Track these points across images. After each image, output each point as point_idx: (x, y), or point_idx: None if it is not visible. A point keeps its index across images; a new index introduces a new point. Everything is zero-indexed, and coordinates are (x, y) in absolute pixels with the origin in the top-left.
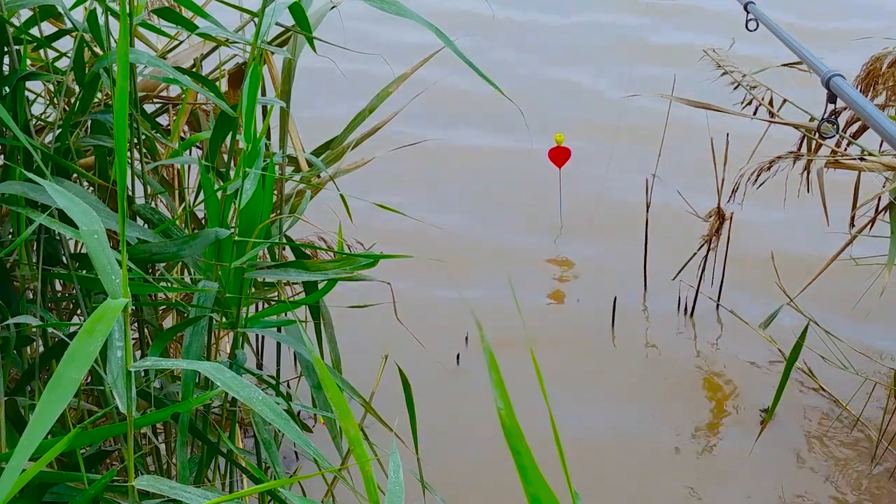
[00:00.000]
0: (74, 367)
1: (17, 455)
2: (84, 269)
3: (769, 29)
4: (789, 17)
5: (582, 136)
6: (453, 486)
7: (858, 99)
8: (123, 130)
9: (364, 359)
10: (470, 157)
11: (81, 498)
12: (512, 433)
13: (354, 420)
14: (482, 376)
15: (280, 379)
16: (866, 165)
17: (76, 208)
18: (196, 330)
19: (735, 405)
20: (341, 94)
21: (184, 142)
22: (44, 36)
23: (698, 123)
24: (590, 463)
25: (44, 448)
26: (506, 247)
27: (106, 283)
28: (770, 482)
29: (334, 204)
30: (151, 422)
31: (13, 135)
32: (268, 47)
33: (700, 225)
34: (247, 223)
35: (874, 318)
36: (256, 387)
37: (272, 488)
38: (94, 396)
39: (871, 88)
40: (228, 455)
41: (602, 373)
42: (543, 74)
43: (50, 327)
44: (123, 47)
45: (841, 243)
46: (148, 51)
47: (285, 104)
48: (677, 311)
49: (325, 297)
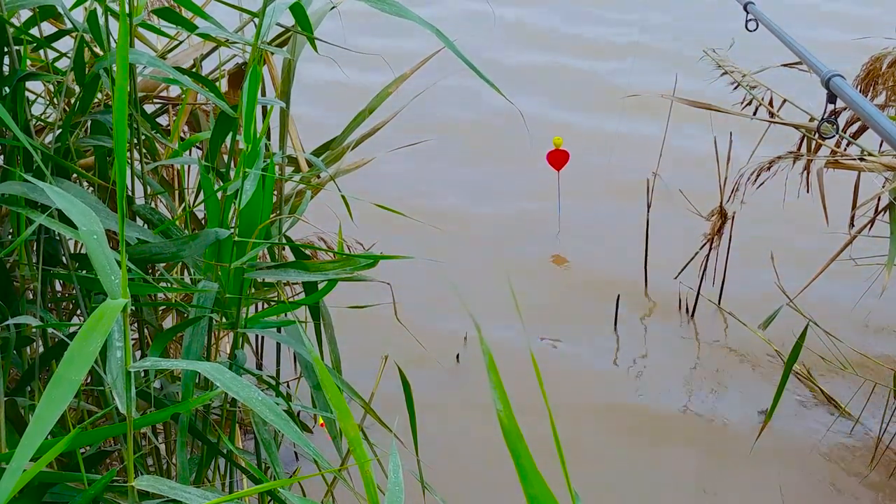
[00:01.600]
0: (74, 368)
1: (18, 455)
2: (84, 269)
3: (769, 29)
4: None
5: (582, 136)
6: (453, 487)
7: (858, 99)
8: (123, 131)
9: (364, 359)
10: (470, 157)
11: (81, 498)
12: (511, 435)
13: (354, 421)
14: (482, 376)
15: (280, 379)
16: (866, 165)
17: (75, 209)
18: (196, 330)
19: (735, 406)
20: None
21: (184, 142)
22: (44, 36)
23: (699, 123)
24: (589, 463)
25: (44, 448)
26: (506, 247)
27: (105, 284)
28: (770, 483)
29: (334, 204)
30: (151, 422)
31: (13, 135)
32: (268, 48)
33: (701, 225)
34: (247, 223)
35: (874, 319)
36: (256, 387)
37: (272, 488)
38: (94, 397)
39: (871, 88)
40: (228, 455)
41: (602, 372)
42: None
43: (50, 328)
44: (123, 48)
45: (841, 243)
46: (148, 51)
47: (285, 104)
48: (678, 311)
49: (324, 297)
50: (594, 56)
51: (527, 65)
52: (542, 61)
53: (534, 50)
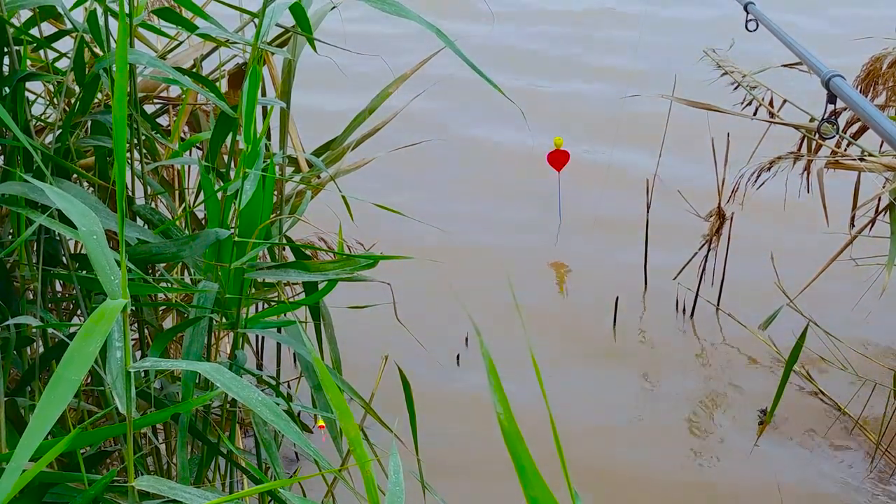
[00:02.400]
0: (74, 368)
1: (18, 455)
2: (84, 269)
3: (769, 29)
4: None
5: (582, 136)
6: (453, 487)
7: (858, 99)
8: (123, 131)
9: (364, 359)
10: (470, 157)
11: (82, 498)
12: (511, 437)
13: (354, 421)
14: (482, 377)
15: (280, 379)
16: (866, 166)
17: (76, 209)
18: (196, 330)
19: (734, 406)
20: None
21: (184, 142)
22: (44, 36)
23: (699, 124)
24: (589, 463)
25: (44, 449)
26: (506, 247)
27: (105, 284)
28: (769, 483)
29: (334, 204)
30: (151, 422)
31: (13, 135)
32: (268, 48)
33: (700, 225)
34: (247, 224)
35: (874, 319)
36: (256, 387)
37: (272, 489)
38: (94, 397)
39: (872, 88)
40: (228, 455)
41: (602, 373)
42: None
43: (50, 328)
44: (123, 48)
45: (841, 244)
46: (148, 51)
47: (285, 104)
48: (677, 312)
49: (324, 297)
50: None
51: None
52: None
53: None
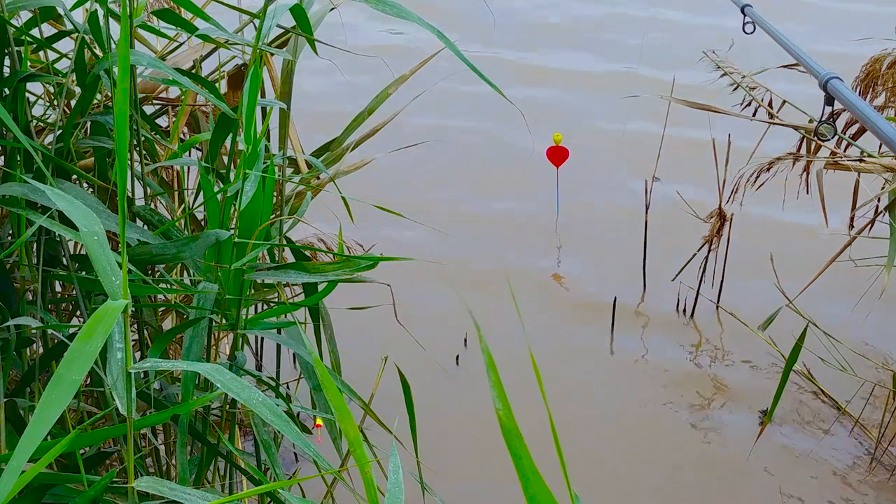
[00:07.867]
0: (74, 369)
1: (17, 456)
2: (84, 270)
3: (766, 32)
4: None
5: (582, 135)
6: (453, 488)
7: (856, 101)
8: (124, 132)
9: (364, 360)
10: (470, 156)
11: (81, 499)
12: (511, 435)
13: (354, 422)
14: (481, 377)
15: (280, 380)
16: (865, 167)
17: (76, 210)
18: (196, 331)
19: (734, 407)
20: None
21: (183, 143)
22: (44, 37)
23: (699, 124)
24: (588, 462)
25: (43, 449)
26: (505, 247)
27: (106, 285)
28: (770, 484)
29: (334, 205)
30: (151, 423)
31: (14, 136)
32: (268, 49)
33: (700, 226)
34: (247, 225)
35: (874, 320)
36: (256, 388)
37: (272, 490)
38: (94, 398)
39: (871, 90)
40: (228, 456)
41: (601, 373)
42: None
43: (50, 329)
44: (124, 49)
45: (840, 244)
46: (148, 52)
47: (285, 106)
48: (677, 312)
49: (324, 298)
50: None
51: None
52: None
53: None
